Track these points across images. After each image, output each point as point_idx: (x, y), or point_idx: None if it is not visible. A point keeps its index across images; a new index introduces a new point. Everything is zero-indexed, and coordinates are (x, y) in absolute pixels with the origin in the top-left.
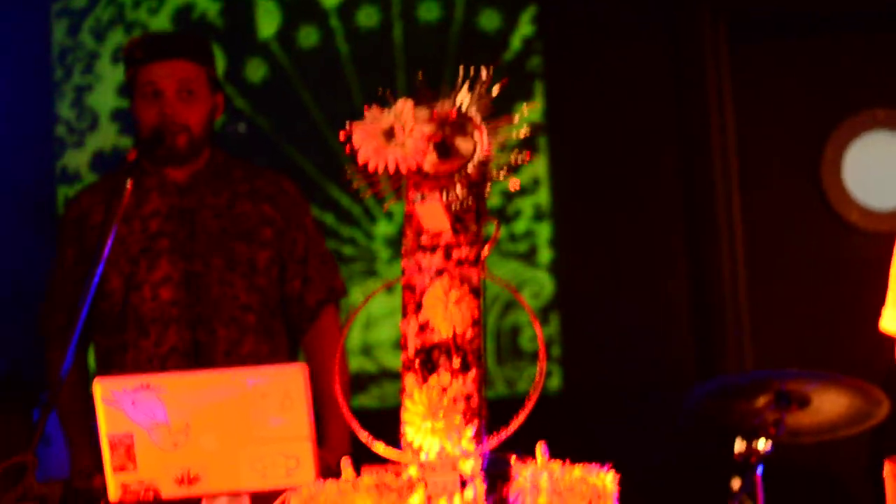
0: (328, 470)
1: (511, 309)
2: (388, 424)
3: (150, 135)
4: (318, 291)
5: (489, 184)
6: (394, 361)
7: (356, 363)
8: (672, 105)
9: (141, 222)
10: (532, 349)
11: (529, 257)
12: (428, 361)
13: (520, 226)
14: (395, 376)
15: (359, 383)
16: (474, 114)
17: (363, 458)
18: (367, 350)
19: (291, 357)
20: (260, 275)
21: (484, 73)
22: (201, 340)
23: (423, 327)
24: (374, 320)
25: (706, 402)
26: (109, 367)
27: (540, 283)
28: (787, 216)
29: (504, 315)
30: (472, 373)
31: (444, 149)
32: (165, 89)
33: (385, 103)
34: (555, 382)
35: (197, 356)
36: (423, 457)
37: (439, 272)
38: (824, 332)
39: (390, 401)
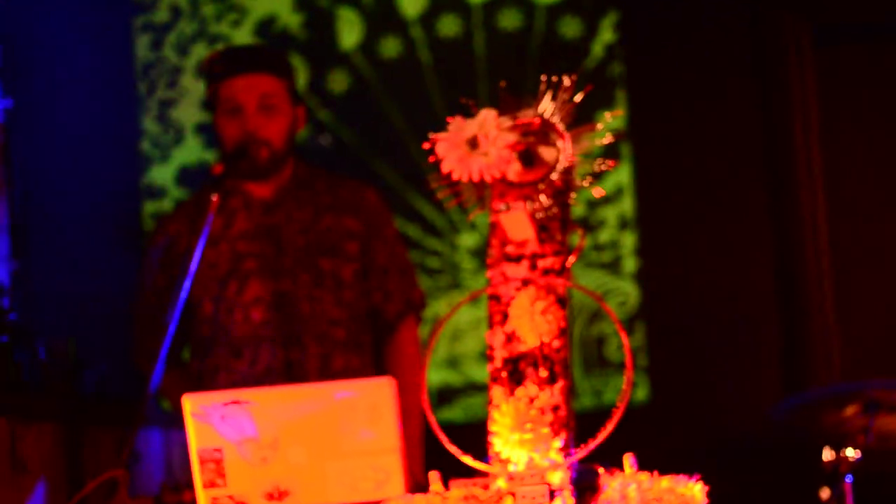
0: (415, 484)
1: (596, 319)
2: (474, 437)
3: (234, 149)
4: (397, 303)
5: (573, 192)
6: (480, 373)
7: (442, 376)
8: (756, 110)
9: (229, 244)
10: (618, 359)
11: (614, 266)
12: (515, 372)
13: (604, 235)
14: (482, 388)
15: (445, 396)
16: (557, 122)
17: (445, 473)
18: (453, 362)
19: (380, 369)
20: (346, 288)
21: (566, 81)
22: (293, 359)
23: (509, 338)
24: (459, 332)
25: (794, 413)
26: (202, 389)
27: (625, 293)
28: (873, 223)
29: (589, 325)
30: (560, 383)
31: (528, 157)
32: (246, 104)
33: (468, 113)
34: (641, 393)
35: (290, 375)
36: (511, 468)
37: (525, 282)
38: None
39: (477, 413)
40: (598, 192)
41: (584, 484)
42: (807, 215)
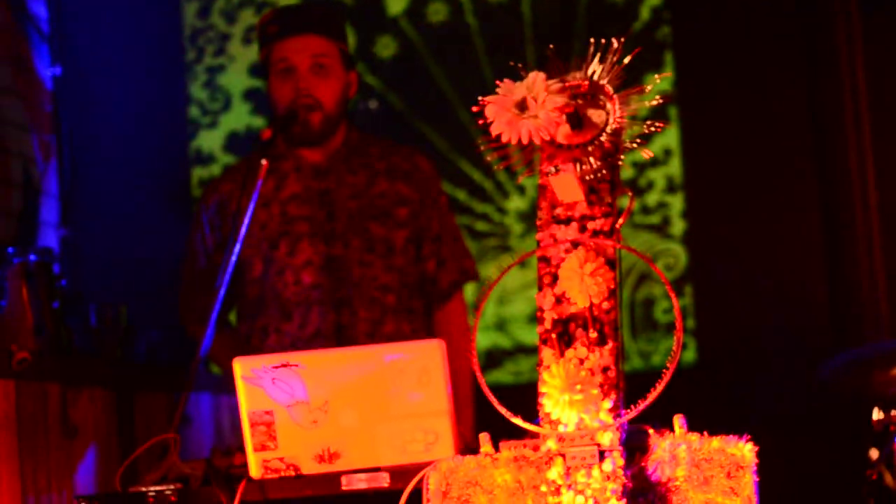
0: (465, 446)
1: (645, 281)
2: (523, 399)
3: (285, 113)
4: (451, 273)
5: (622, 154)
6: (528, 336)
7: (490, 339)
8: (803, 73)
9: (280, 206)
10: (667, 321)
11: (662, 229)
12: (565, 334)
13: (652, 197)
14: (530, 351)
15: (493, 359)
16: (606, 84)
17: (494, 434)
18: (501, 325)
19: (431, 334)
20: (397, 255)
21: (614, 44)
22: (343, 322)
23: (559, 299)
24: (507, 295)
25: (843, 372)
26: (250, 351)
27: (674, 255)
28: None
29: (638, 287)
30: (609, 345)
31: (577, 120)
32: (298, 65)
33: (516, 76)
34: (690, 355)
35: (339, 338)
36: (561, 429)
37: (575, 244)
38: None
39: (525, 376)
40: (646, 153)
41: (634, 445)
42: (855, 175)
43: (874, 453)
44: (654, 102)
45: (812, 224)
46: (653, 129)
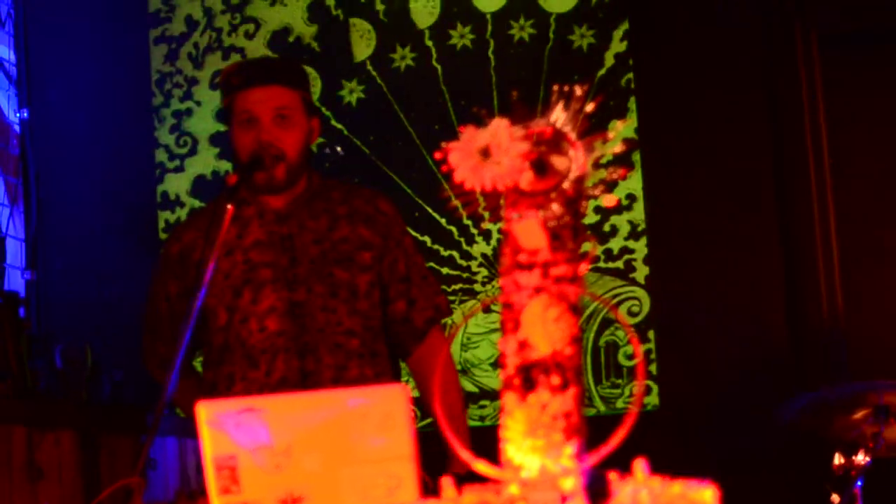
0: (428, 490)
1: (608, 326)
2: (487, 444)
3: (248, 159)
4: (425, 310)
5: (585, 201)
6: (492, 381)
7: None
8: (766, 118)
9: (242, 253)
10: (630, 366)
11: (626, 275)
12: (527, 379)
13: (616, 243)
14: (494, 395)
15: None
16: (569, 131)
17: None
18: (465, 370)
19: (395, 378)
20: (361, 299)
21: (578, 91)
22: (308, 369)
23: (522, 345)
24: (472, 340)
25: (803, 416)
26: (217, 398)
27: (637, 301)
28: (883, 228)
29: (601, 332)
30: (572, 390)
31: (541, 166)
32: (261, 116)
33: (480, 122)
34: (653, 399)
35: (305, 385)
36: (523, 474)
37: (537, 290)
38: None
39: (489, 420)
40: (609, 200)
41: (596, 490)
42: (816, 222)
43: (835, 498)
44: (618, 149)
45: (773, 269)
46: (616, 175)
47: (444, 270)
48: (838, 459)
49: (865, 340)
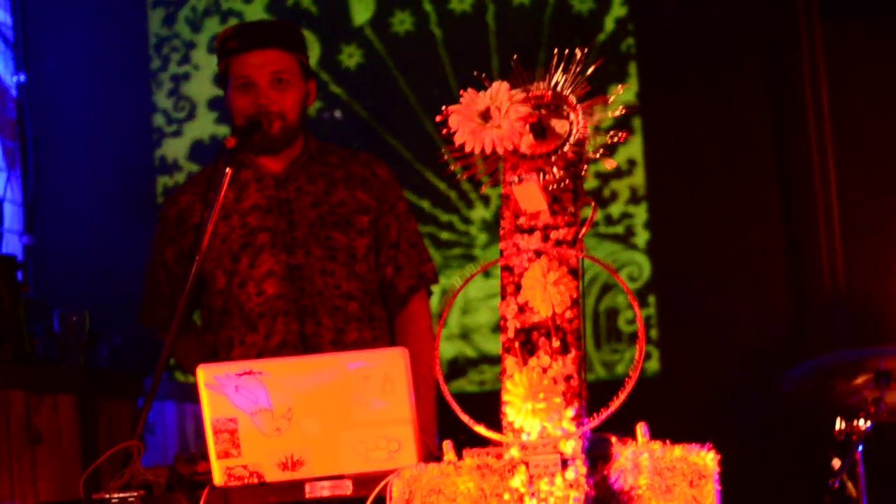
0: (428, 454)
1: (608, 292)
2: (487, 408)
3: (247, 122)
4: (408, 278)
5: (585, 164)
6: (492, 346)
7: (455, 348)
8: (767, 85)
9: (240, 217)
10: (630, 331)
11: (626, 239)
12: (528, 342)
13: (616, 208)
14: (494, 360)
15: (458, 368)
16: (569, 95)
17: (458, 442)
18: (465, 335)
19: (393, 342)
20: (359, 262)
21: (577, 54)
22: (308, 332)
23: (522, 308)
24: (471, 305)
25: (805, 382)
26: (217, 361)
27: (637, 265)
28: (884, 199)
29: (601, 298)
30: (572, 353)
31: (540, 130)
32: (258, 80)
33: (480, 87)
34: (653, 365)
35: (305, 348)
36: (524, 437)
37: (538, 253)
38: None
39: (489, 385)
40: (609, 164)
41: (597, 453)
42: (818, 186)
43: (836, 463)
44: (618, 113)
45: (775, 236)
46: (616, 139)
47: (444, 235)
48: (839, 425)
49: (867, 308)
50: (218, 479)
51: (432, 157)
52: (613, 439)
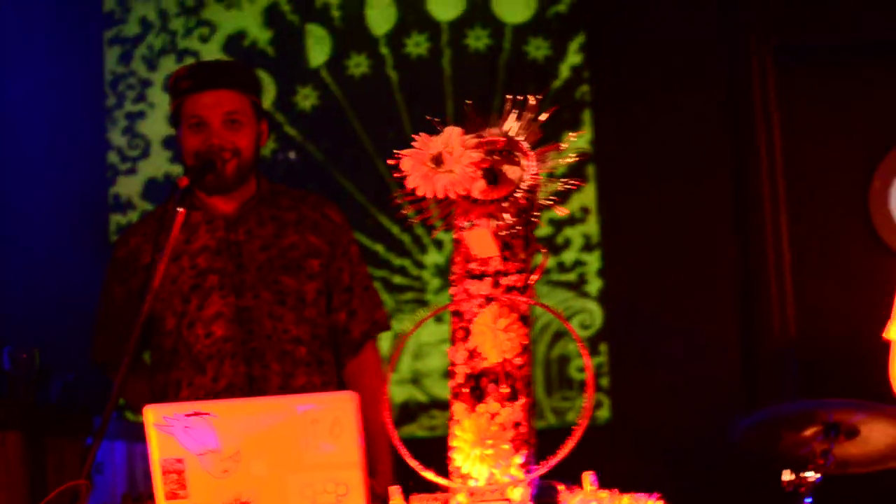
0: (376, 499)
1: (560, 339)
2: (437, 453)
3: (199, 161)
4: (362, 323)
5: (537, 211)
6: (443, 391)
7: (406, 392)
8: (722, 135)
9: (189, 259)
10: (581, 379)
11: (578, 287)
12: (477, 388)
13: (569, 255)
14: (445, 405)
15: (409, 413)
16: (522, 141)
17: (409, 488)
18: (416, 379)
19: (343, 387)
20: (308, 307)
21: (531, 100)
22: (255, 375)
23: (471, 354)
24: (423, 349)
25: (754, 432)
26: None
27: (589, 313)
28: (834, 245)
29: (553, 345)
30: (521, 400)
31: (493, 175)
32: (211, 120)
33: (434, 131)
34: (604, 413)
35: (251, 391)
36: (471, 484)
37: (488, 299)
38: (870, 360)
39: (440, 430)
40: (561, 210)
41: (544, 501)
42: (770, 237)
43: None
44: (570, 159)
45: (728, 284)
46: (568, 186)
47: (397, 279)
48: (788, 476)
49: (817, 360)
50: None
51: (387, 201)
52: (561, 487)
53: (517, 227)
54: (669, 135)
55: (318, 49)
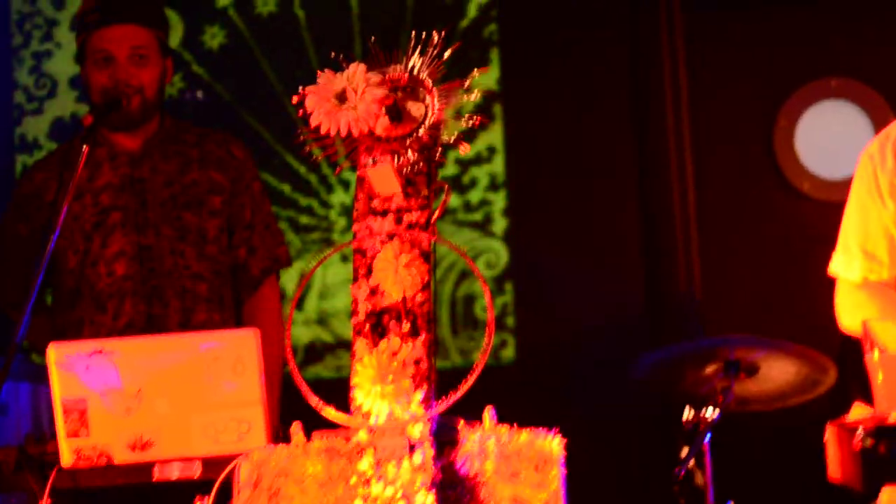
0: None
1: (466, 279)
2: (343, 392)
3: (105, 98)
4: (262, 260)
5: (441, 148)
6: (350, 331)
7: (312, 333)
8: (626, 73)
9: (93, 196)
10: (486, 318)
11: (484, 226)
12: (378, 325)
13: (475, 195)
14: (350, 346)
15: (315, 353)
16: (426, 78)
17: (313, 425)
18: (322, 320)
19: (242, 325)
20: (210, 243)
21: (435, 38)
22: (156, 313)
23: (373, 291)
24: (329, 290)
25: (655, 370)
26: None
27: (495, 253)
28: (740, 185)
29: (459, 284)
30: (422, 337)
31: (396, 112)
32: (118, 55)
33: (339, 68)
34: (509, 352)
35: (151, 329)
36: (372, 421)
37: (390, 236)
38: (775, 300)
39: (346, 370)
40: (464, 148)
41: (444, 437)
42: (675, 175)
43: (684, 451)
44: (475, 97)
45: (632, 225)
46: (471, 123)
47: (303, 219)
48: (688, 414)
49: (720, 296)
50: (66, 459)
51: (294, 141)
52: (461, 424)
53: (420, 164)
54: (576, 75)
55: None
